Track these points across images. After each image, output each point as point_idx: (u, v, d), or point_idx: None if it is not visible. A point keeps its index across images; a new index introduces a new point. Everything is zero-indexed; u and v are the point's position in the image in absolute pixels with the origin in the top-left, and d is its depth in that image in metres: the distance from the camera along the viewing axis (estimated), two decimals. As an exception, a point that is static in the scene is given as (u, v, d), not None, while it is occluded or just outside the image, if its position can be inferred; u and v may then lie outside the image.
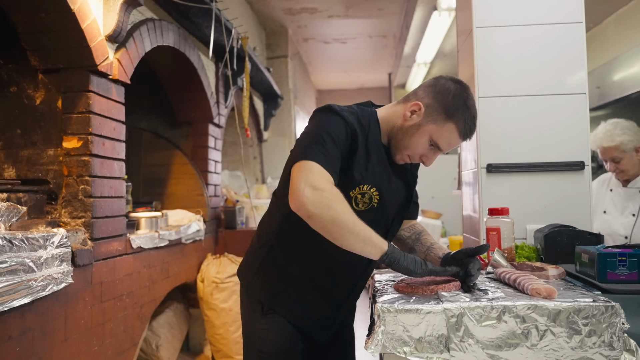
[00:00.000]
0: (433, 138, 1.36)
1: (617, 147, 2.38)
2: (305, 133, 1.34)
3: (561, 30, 2.00)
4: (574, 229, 1.75)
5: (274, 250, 1.45)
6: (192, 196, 3.42)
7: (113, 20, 2.07)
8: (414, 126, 1.37)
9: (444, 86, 1.37)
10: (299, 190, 1.19)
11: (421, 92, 1.39)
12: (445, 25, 4.86)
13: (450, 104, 1.34)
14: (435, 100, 1.35)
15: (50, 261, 1.69)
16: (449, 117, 1.34)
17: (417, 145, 1.38)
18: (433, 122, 1.35)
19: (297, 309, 1.43)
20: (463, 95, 1.35)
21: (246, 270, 1.53)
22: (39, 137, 2.07)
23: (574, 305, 1.13)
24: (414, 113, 1.37)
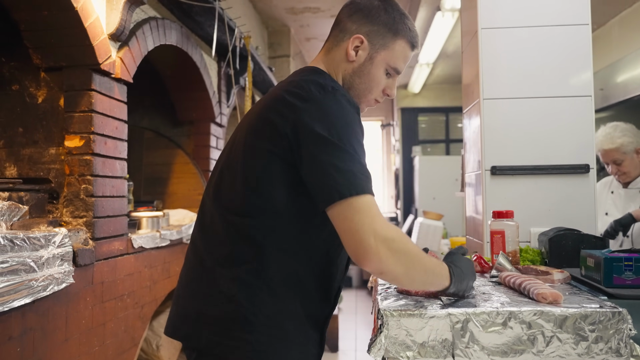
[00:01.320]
0: (389, 63, 1.20)
1: (618, 149, 2.38)
2: (325, 141, 1.00)
3: (567, 32, 1.99)
4: (579, 232, 1.74)
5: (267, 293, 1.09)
6: (194, 195, 3.41)
7: (116, 19, 2.06)
8: (366, 62, 1.19)
9: (370, 6, 1.20)
10: (371, 248, 0.97)
11: (351, 25, 1.20)
12: (449, 26, 4.84)
13: (388, 19, 1.19)
14: (372, 23, 1.19)
15: (51, 261, 1.68)
16: (395, 33, 1.19)
17: (377, 81, 1.21)
18: (383, 47, 1.19)
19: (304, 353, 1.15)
20: (391, 6, 1.20)
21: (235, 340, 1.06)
22: (40, 136, 2.06)
23: (581, 311, 1.11)
24: (358, 49, 1.19)
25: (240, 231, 1.08)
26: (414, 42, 1.23)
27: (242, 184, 1.08)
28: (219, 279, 1.07)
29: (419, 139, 8.20)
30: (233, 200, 1.10)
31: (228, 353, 1.05)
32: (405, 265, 1.02)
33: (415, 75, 7.18)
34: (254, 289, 1.06)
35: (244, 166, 1.09)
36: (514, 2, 2.01)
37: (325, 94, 1.06)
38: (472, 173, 2.22)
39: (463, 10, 2.37)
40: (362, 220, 0.97)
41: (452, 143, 8.31)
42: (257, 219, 1.07)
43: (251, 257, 1.07)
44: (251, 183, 1.07)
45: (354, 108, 1.09)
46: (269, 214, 1.07)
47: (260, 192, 1.07)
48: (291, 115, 1.04)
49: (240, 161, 1.10)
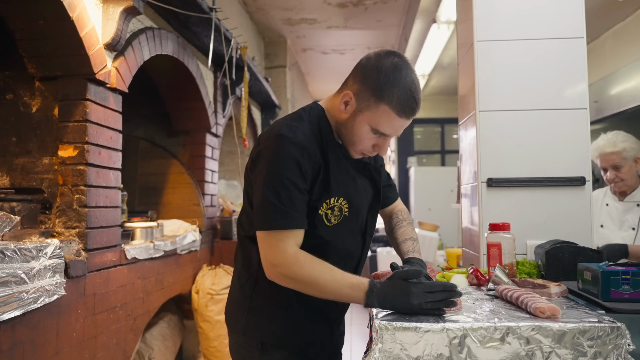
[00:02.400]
0: (372, 125, 1.24)
1: (619, 153, 2.38)
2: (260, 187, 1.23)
3: (562, 45, 2.00)
4: (576, 245, 1.73)
5: (260, 282, 1.33)
6: (188, 206, 3.39)
7: (112, 29, 2.06)
8: (350, 118, 1.26)
9: (370, 66, 1.23)
10: (267, 268, 1.25)
11: (350, 79, 1.28)
12: (444, 38, 4.88)
13: (378, 83, 1.21)
14: (363, 83, 1.23)
15: (42, 272, 1.65)
16: (379, 98, 1.21)
17: (361, 137, 1.27)
18: (366, 108, 1.23)
19: (297, 337, 1.36)
20: (392, 69, 1.21)
21: (237, 313, 1.39)
22: (34, 146, 2.04)
23: (579, 326, 1.10)
24: (347, 104, 1.26)
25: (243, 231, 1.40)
26: (401, 111, 1.22)
27: (245, 205, 1.39)
28: (235, 271, 1.46)
29: (414, 149, 8.22)
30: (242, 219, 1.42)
31: (235, 325, 1.39)
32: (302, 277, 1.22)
33: (411, 87, 7.20)
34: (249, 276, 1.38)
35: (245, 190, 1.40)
36: (510, 15, 2.02)
37: (269, 140, 1.25)
38: (468, 185, 2.21)
39: (459, 22, 2.38)
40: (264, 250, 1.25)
41: (448, 154, 8.33)
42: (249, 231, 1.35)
43: (248, 253, 1.37)
44: (245, 204, 1.37)
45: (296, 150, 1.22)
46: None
47: (248, 212, 1.34)
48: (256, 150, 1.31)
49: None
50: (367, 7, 5.01)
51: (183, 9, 2.63)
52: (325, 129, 1.31)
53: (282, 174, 1.21)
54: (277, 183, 1.21)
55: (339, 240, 1.33)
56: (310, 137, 1.26)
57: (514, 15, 2.02)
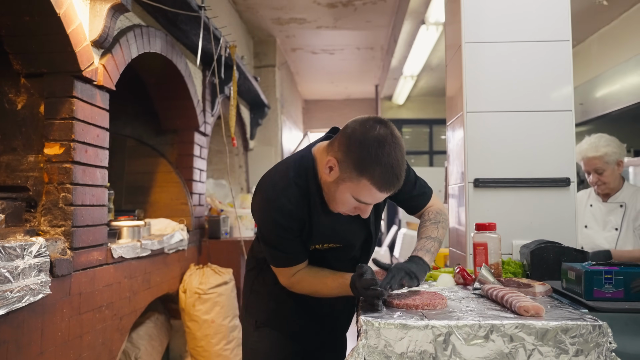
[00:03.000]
0: (353, 195, 1.28)
1: (602, 157, 2.42)
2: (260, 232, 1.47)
3: (548, 47, 2.02)
4: (560, 245, 1.75)
5: (262, 272, 1.58)
6: (176, 205, 3.37)
7: (99, 26, 2.04)
8: (333, 184, 1.30)
9: (355, 137, 1.25)
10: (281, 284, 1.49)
11: (336, 144, 1.29)
12: (433, 39, 4.91)
13: (360, 158, 1.23)
14: (346, 155, 1.25)
15: (27, 271, 1.64)
16: (360, 172, 1.23)
17: (342, 202, 1.31)
18: (348, 179, 1.26)
19: (287, 322, 1.56)
20: (375, 145, 1.22)
21: (245, 292, 1.66)
22: (19, 143, 2.01)
23: (562, 325, 1.12)
24: (332, 169, 1.29)
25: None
26: (380, 187, 1.24)
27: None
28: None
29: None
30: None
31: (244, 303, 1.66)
32: (303, 289, 1.46)
33: (400, 87, 7.25)
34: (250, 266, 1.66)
35: None
36: (497, 18, 2.04)
37: (258, 201, 1.41)
38: (456, 185, 2.23)
39: (447, 24, 2.40)
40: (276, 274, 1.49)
41: (436, 154, 8.38)
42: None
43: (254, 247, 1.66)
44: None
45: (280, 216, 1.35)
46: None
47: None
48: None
49: None
50: (357, 8, 5.02)
51: (172, 6, 2.62)
52: (312, 179, 1.36)
53: (273, 232, 1.40)
54: (273, 239, 1.42)
55: (326, 263, 1.50)
56: (294, 199, 1.35)
57: (502, 18, 2.04)
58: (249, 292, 1.63)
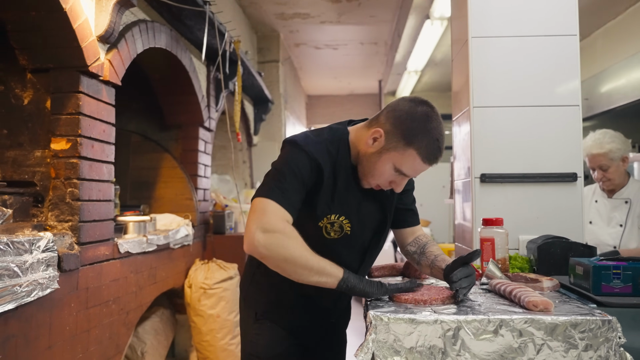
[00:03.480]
0: (396, 165, 1.33)
1: (606, 154, 2.41)
2: (270, 170, 1.37)
3: (555, 42, 2.01)
4: (567, 240, 1.75)
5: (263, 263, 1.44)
6: (181, 200, 3.38)
7: (105, 21, 2.04)
8: (376, 154, 1.34)
9: (404, 110, 1.33)
10: (250, 233, 1.23)
11: (382, 118, 1.36)
12: (438, 34, 4.89)
13: (410, 129, 1.30)
14: (394, 126, 1.32)
15: (35, 266, 1.64)
16: (409, 143, 1.30)
17: (381, 173, 1.35)
18: (394, 149, 1.32)
19: (287, 316, 1.49)
20: (424, 119, 1.31)
21: (244, 282, 1.59)
22: (25, 138, 2.02)
23: (571, 320, 1.12)
24: (376, 140, 1.34)
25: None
26: (426, 157, 1.32)
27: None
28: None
29: (406, 145, 8.22)
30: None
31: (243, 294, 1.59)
32: (280, 252, 1.23)
33: (404, 83, 7.23)
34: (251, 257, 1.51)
35: None
36: (504, 12, 2.03)
37: (285, 144, 1.38)
38: (461, 180, 2.23)
39: (453, 18, 2.39)
40: (254, 215, 1.26)
41: (439, 150, 8.35)
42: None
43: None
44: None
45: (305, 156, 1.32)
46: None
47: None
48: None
49: None
50: (361, 3, 5.00)
51: (176, 1, 2.61)
52: (343, 150, 1.38)
53: (291, 163, 1.32)
54: (285, 167, 1.31)
55: (334, 253, 1.36)
56: (322, 153, 1.34)
57: (509, 12, 2.03)
58: (248, 283, 1.56)
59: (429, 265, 1.50)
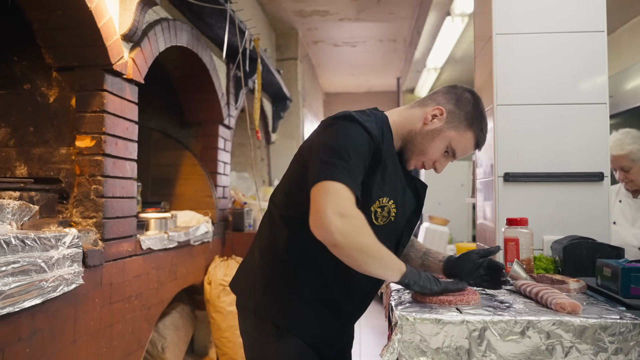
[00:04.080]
0: (452, 144, 1.36)
1: (627, 156, 2.36)
2: (325, 145, 1.22)
3: (582, 38, 1.97)
4: (594, 241, 1.72)
5: (283, 265, 1.33)
6: (201, 197, 3.41)
7: (129, 20, 2.06)
8: (435, 131, 1.35)
9: (463, 95, 1.38)
10: (326, 217, 1.11)
11: (441, 98, 1.38)
12: (458, 31, 4.83)
13: (471, 112, 1.36)
14: (457, 107, 1.36)
15: (61, 261, 1.67)
16: (469, 125, 1.35)
17: (435, 150, 1.37)
18: (454, 128, 1.35)
19: (311, 328, 1.33)
20: (480, 106, 1.38)
21: (254, 292, 1.37)
22: (51, 136, 2.05)
23: (600, 322, 1.10)
24: (435, 117, 1.36)
25: (272, 218, 1.39)
26: (480, 142, 1.39)
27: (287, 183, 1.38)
28: (254, 249, 1.43)
29: (424, 143, 8.15)
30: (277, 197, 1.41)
31: (246, 302, 1.39)
32: (355, 241, 1.14)
33: (422, 80, 7.17)
34: (272, 257, 1.36)
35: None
36: (529, 8, 2.00)
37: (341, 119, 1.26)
38: (484, 179, 2.20)
39: (476, 15, 2.36)
40: (327, 198, 1.14)
41: (458, 148, 8.27)
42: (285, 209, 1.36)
43: (275, 235, 1.36)
44: (288, 182, 1.37)
45: (365, 133, 1.24)
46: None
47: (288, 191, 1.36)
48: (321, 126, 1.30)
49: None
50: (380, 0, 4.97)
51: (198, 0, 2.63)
52: (387, 134, 1.35)
53: (352, 140, 1.21)
54: (348, 145, 1.20)
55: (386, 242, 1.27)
56: (378, 131, 1.30)
57: (534, 8, 1.99)
58: (262, 292, 1.34)
59: (420, 257, 1.54)
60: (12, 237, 1.47)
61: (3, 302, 1.39)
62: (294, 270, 1.33)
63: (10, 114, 2.08)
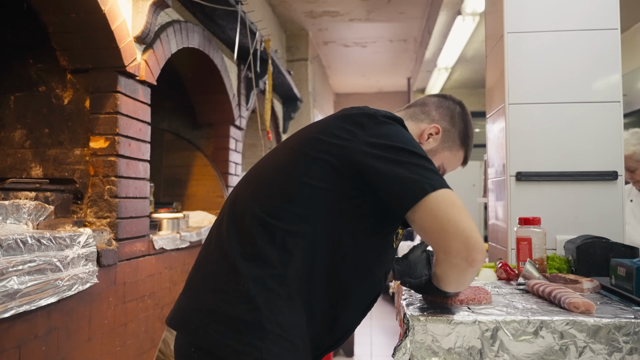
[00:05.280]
0: (444, 164, 1.29)
1: (631, 156, 2.35)
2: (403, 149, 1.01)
3: (595, 36, 1.95)
4: (608, 240, 1.70)
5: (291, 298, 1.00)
6: (212, 197, 3.43)
7: (142, 22, 2.08)
8: (430, 151, 1.25)
9: (455, 110, 1.29)
10: (477, 240, 0.96)
11: (435, 114, 1.27)
12: (469, 30, 4.81)
13: (464, 131, 1.28)
14: (452, 124, 1.27)
15: (76, 261, 1.69)
16: (462, 144, 1.28)
17: None
18: (448, 148, 1.27)
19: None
20: (470, 121, 1.31)
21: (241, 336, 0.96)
22: (66, 137, 2.08)
23: (615, 322, 1.09)
24: (431, 136, 1.25)
25: (271, 233, 1.01)
26: (467, 159, 1.33)
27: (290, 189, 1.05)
28: (240, 277, 0.99)
29: (435, 143, 8.13)
30: (270, 201, 1.05)
31: (233, 356, 0.96)
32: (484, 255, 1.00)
33: (433, 80, 7.15)
34: (274, 295, 0.98)
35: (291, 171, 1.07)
36: (541, 6, 1.98)
37: (375, 115, 1.08)
38: (496, 179, 2.19)
39: (487, 13, 2.35)
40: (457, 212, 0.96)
41: (470, 148, 8.23)
42: (290, 224, 1.02)
43: (277, 262, 1.00)
44: (294, 190, 1.04)
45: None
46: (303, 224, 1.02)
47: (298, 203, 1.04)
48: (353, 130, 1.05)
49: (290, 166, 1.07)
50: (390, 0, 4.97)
51: (209, 1, 2.65)
52: None
53: (417, 145, 1.05)
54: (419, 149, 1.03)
55: (383, 266, 1.14)
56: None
57: (546, 6, 1.98)
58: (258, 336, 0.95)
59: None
60: (28, 237, 1.49)
61: (20, 301, 1.42)
62: (300, 301, 1.02)
63: (26, 116, 2.11)
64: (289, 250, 1.01)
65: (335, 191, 1.02)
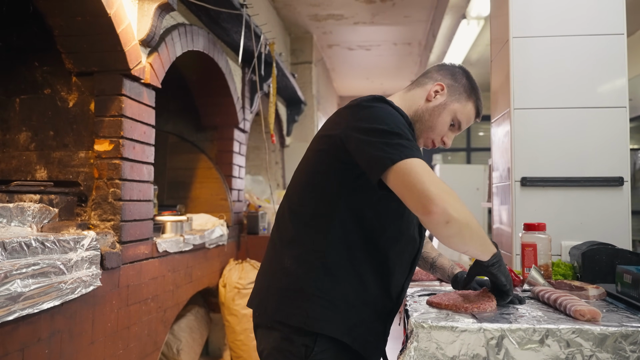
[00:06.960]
0: (457, 116, 1.38)
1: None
2: (375, 129, 1.12)
3: (601, 41, 1.94)
4: (614, 247, 1.69)
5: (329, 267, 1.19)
6: (216, 200, 3.43)
7: (147, 25, 2.09)
8: (440, 106, 1.37)
9: (455, 69, 1.42)
10: (433, 194, 1.03)
11: (437, 75, 1.41)
12: (474, 34, 4.80)
13: (467, 84, 1.39)
14: (454, 80, 1.39)
15: (80, 264, 1.69)
16: (469, 96, 1.38)
17: (443, 124, 1.38)
18: (457, 100, 1.38)
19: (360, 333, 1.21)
20: (472, 78, 1.42)
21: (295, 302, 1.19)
22: (70, 139, 2.09)
23: (621, 330, 1.08)
24: (437, 93, 1.38)
25: (302, 220, 1.25)
26: (479, 111, 1.42)
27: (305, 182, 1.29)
28: (284, 258, 1.25)
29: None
30: (297, 195, 1.29)
31: (287, 318, 1.20)
32: (464, 215, 1.07)
33: (437, 83, 7.12)
34: (311, 266, 1.21)
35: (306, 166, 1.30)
36: (547, 11, 1.98)
37: (373, 100, 1.23)
38: (500, 184, 2.18)
39: (493, 18, 2.34)
40: (423, 176, 1.07)
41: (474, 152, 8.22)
42: (315, 209, 1.24)
43: (311, 241, 1.23)
44: (311, 181, 1.27)
45: (398, 113, 1.22)
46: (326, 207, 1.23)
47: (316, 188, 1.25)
48: (342, 120, 1.24)
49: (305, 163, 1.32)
50: (395, 3, 4.97)
51: (214, 5, 2.65)
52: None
53: (400, 122, 1.17)
54: (401, 126, 1.15)
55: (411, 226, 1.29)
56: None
57: (551, 11, 1.97)
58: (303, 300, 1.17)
59: (429, 265, 1.56)
60: (32, 240, 1.49)
61: (23, 304, 1.42)
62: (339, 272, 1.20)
63: (31, 119, 2.12)
64: (320, 230, 1.22)
65: (340, 173, 1.21)
